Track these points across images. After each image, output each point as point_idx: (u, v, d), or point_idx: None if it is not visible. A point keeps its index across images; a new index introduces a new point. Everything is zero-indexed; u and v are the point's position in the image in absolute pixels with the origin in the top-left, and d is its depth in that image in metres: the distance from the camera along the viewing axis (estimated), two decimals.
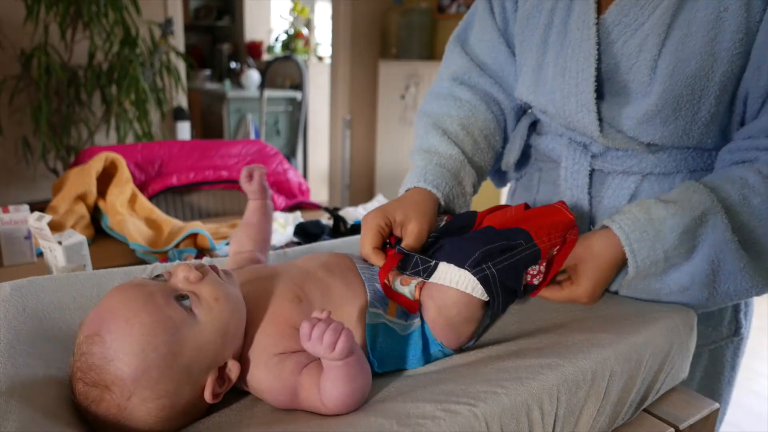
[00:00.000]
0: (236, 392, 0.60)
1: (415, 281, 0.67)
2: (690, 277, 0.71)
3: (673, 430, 0.67)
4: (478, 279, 0.61)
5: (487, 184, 1.02)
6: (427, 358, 0.66)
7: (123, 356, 0.50)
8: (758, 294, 0.72)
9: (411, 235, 0.73)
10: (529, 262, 0.66)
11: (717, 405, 0.72)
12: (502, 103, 0.94)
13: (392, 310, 0.65)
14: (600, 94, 0.80)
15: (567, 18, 0.81)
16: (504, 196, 1.07)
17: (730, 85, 0.74)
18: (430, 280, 0.65)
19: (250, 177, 0.77)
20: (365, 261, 0.73)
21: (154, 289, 0.54)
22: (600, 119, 0.80)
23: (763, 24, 0.70)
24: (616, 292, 0.77)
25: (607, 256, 0.71)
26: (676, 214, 0.68)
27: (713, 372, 0.92)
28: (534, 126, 0.95)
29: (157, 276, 0.58)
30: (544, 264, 0.68)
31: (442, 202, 0.81)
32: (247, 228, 0.77)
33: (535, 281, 0.68)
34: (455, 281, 0.62)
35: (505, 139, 0.98)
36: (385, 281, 0.68)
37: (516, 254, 0.64)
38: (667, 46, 0.73)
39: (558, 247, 0.70)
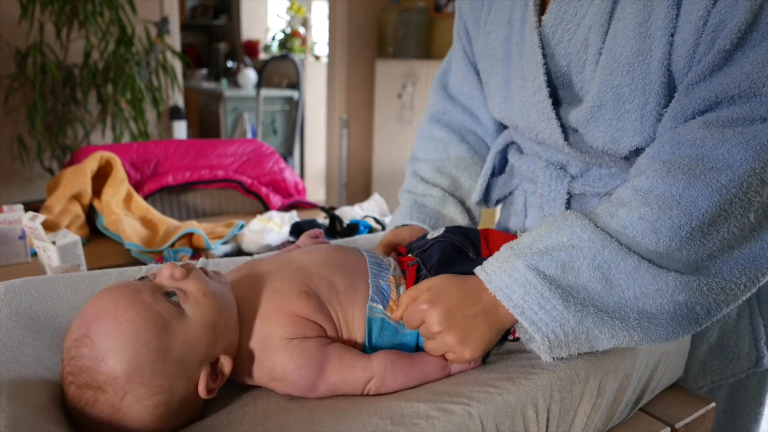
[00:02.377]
0: (233, 393, 0.60)
1: None
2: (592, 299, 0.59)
3: (669, 429, 0.67)
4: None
5: None
6: None
7: (114, 354, 0.50)
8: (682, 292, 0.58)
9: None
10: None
11: (713, 404, 0.72)
12: (478, 131, 0.98)
13: (393, 308, 0.66)
14: (559, 100, 0.77)
15: (522, 28, 0.78)
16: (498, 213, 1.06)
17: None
18: None
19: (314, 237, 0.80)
20: (376, 259, 0.71)
21: (139, 287, 0.54)
22: (563, 126, 0.76)
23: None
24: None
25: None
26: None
27: (735, 407, 0.86)
28: (515, 144, 0.92)
29: (142, 278, 0.58)
30: None
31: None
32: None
33: None
34: None
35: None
36: (395, 281, 0.68)
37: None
38: (609, 36, 0.68)
39: None
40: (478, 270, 0.63)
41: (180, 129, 3.40)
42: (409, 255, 0.76)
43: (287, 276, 0.64)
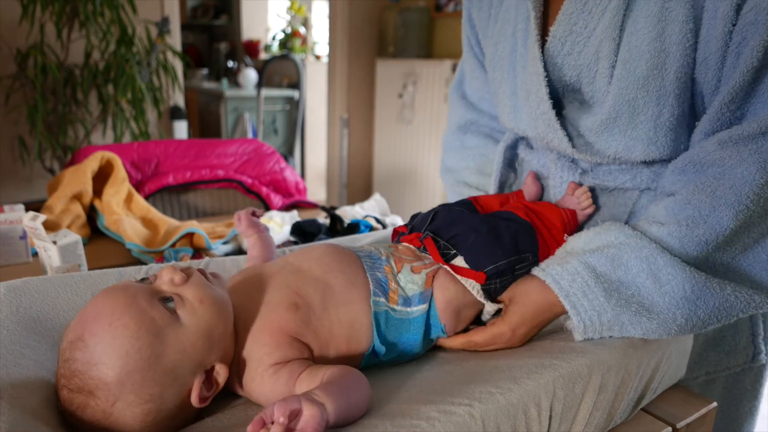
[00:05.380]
0: (231, 396, 0.60)
1: (426, 271, 0.68)
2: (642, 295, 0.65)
3: (670, 429, 0.67)
4: (484, 290, 0.68)
5: None
6: (426, 344, 0.68)
7: (107, 360, 0.49)
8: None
9: None
10: (526, 272, 0.72)
11: (714, 404, 0.72)
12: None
13: (393, 297, 0.65)
14: (568, 109, 0.79)
15: (525, 40, 0.79)
16: None
17: (689, 82, 0.69)
18: (446, 265, 0.69)
19: (239, 219, 0.79)
20: (365, 252, 0.71)
21: (137, 291, 0.53)
22: (572, 134, 0.79)
23: (706, 11, 0.65)
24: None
25: (540, 304, 0.68)
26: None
27: (731, 401, 0.88)
28: (525, 139, 0.95)
29: (143, 279, 0.57)
30: None
31: None
32: (252, 261, 0.76)
33: None
34: (465, 279, 0.68)
35: None
36: (392, 266, 0.68)
37: (520, 269, 0.71)
38: (622, 50, 0.70)
39: None
40: (535, 269, 0.69)
41: (181, 129, 3.39)
42: (415, 232, 0.76)
43: (281, 283, 0.63)
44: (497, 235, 0.71)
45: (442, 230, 0.73)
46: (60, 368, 0.52)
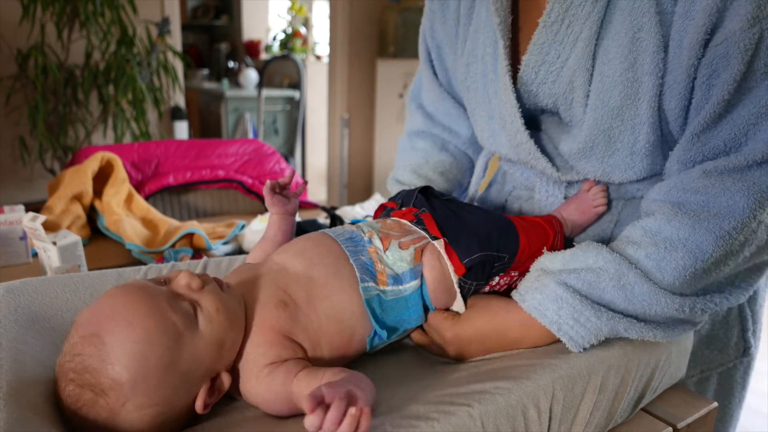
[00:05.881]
0: (226, 399, 0.59)
1: (414, 246, 0.67)
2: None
3: (671, 429, 0.67)
4: (458, 287, 0.68)
5: None
6: (425, 317, 0.68)
7: (124, 360, 0.49)
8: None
9: None
10: (500, 273, 0.70)
11: (715, 404, 0.72)
12: (458, 144, 1.00)
13: (382, 279, 0.64)
14: (546, 126, 0.79)
15: (495, 66, 0.78)
16: None
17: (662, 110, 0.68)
18: (441, 238, 0.68)
19: (273, 190, 0.74)
20: (347, 236, 0.69)
21: (156, 293, 0.53)
22: (553, 155, 0.78)
23: (672, 40, 0.64)
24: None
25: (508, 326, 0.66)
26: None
27: (723, 394, 0.89)
28: None
29: (158, 280, 0.56)
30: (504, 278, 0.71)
31: None
32: (264, 243, 0.74)
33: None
34: (446, 262, 0.67)
35: (472, 167, 1.02)
36: (377, 247, 0.67)
37: (496, 269, 0.69)
38: (595, 79, 0.69)
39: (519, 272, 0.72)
40: (513, 293, 0.66)
41: (181, 129, 3.40)
42: (410, 206, 0.74)
43: (270, 283, 0.62)
44: (477, 230, 0.69)
45: (437, 212, 0.71)
46: (69, 362, 0.50)
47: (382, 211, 0.79)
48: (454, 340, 0.66)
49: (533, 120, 0.80)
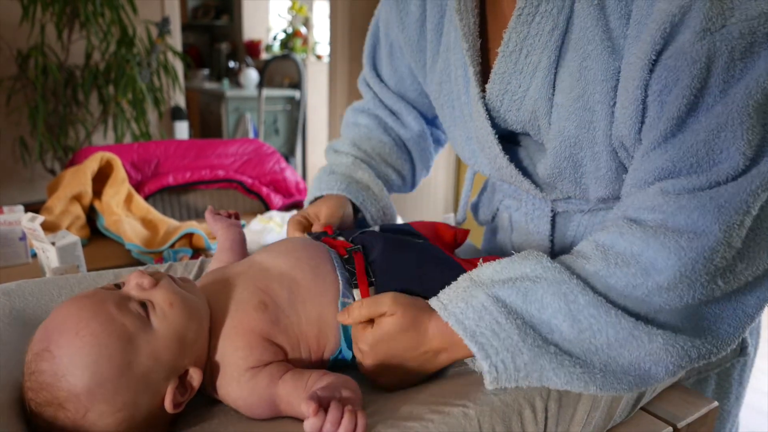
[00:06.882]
0: (206, 400, 0.59)
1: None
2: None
3: (671, 428, 0.67)
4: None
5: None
6: None
7: (75, 370, 0.48)
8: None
9: (323, 217, 0.81)
10: None
11: (715, 403, 0.72)
12: (400, 133, 0.97)
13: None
14: (524, 144, 0.78)
15: (467, 89, 0.76)
16: None
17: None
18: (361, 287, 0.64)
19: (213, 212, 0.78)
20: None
21: (105, 297, 0.52)
22: (534, 174, 0.77)
23: (625, 62, 0.60)
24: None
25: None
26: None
27: (721, 393, 0.89)
28: None
29: (117, 285, 0.56)
30: None
31: (346, 194, 0.87)
32: (218, 254, 0.75)
33: None
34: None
35: (412, 163, 0.99)
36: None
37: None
38: (554, 109, 0.68)
39: None
40: (432, 300, 0.60)
41: (181, 129, 3.40)
42: (341, 238, 0.71)
43: (248, 283, 0.61)
44: (421, 280, 0.65)
45: (383, 253, 0.67)
46: (26, 381, 0.50)
47: (311, 231, 0.77)
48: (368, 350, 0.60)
49: (512, 135, 0.79)
